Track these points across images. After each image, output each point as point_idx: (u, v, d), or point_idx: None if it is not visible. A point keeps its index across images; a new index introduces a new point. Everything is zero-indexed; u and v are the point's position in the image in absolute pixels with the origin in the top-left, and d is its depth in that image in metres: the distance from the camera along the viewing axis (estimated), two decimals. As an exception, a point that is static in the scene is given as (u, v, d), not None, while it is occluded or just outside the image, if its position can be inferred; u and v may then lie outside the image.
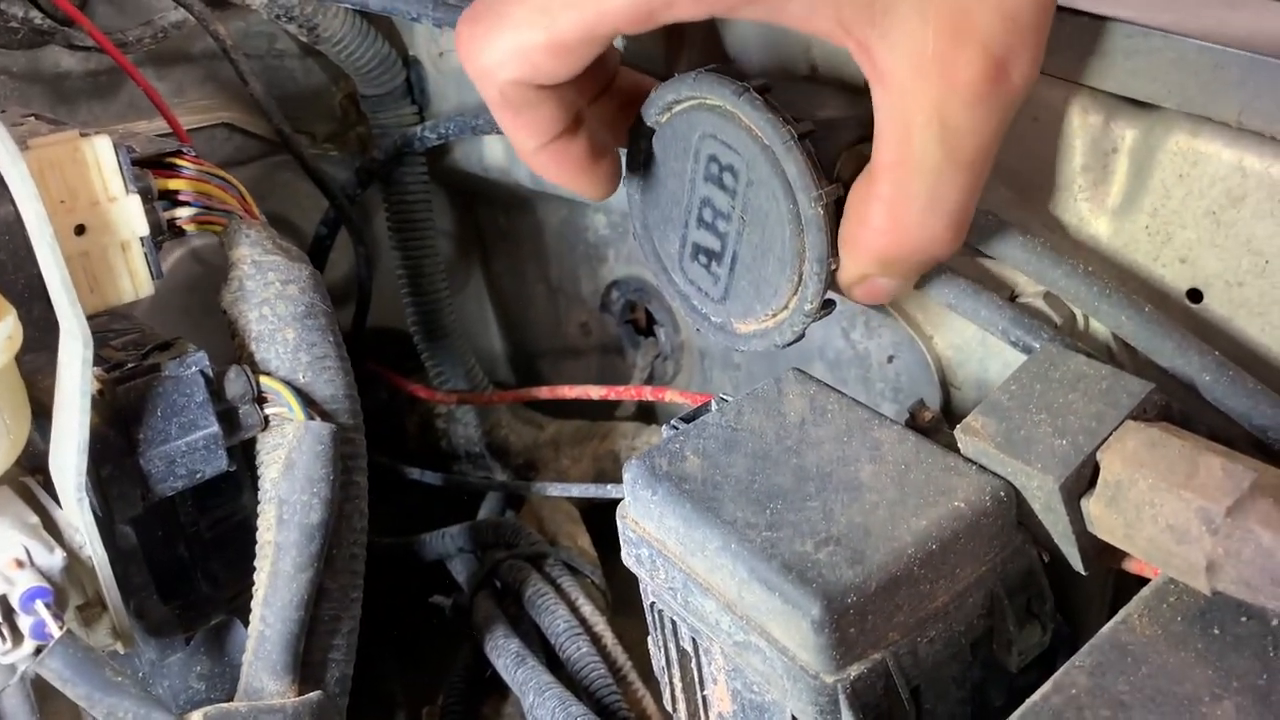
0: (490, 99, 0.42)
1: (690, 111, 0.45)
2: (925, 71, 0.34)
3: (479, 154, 0.83)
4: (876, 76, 0.36)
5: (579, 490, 0.74)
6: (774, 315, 0.47)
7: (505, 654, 0.63)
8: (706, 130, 0.45)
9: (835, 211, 0.43)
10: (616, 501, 0.45)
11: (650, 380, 0.87)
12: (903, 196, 0.39)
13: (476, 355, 0.95)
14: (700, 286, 0.50)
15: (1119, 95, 0.44)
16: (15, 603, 0.40)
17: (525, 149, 0.44)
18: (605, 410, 0.91)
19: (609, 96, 0.48)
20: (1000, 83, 0.35)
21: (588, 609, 0.68)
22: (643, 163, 0.49)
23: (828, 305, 0.46)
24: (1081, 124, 0.46)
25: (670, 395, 0.68)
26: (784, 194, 0.43)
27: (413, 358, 0.93)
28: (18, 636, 0.40)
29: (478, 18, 0.41)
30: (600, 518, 0.80)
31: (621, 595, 0.74)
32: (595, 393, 0.73)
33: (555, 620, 0.65)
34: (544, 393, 0.79)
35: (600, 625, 0.67)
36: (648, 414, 0.91)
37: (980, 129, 0.36)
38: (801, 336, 0.47)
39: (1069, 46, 0.45)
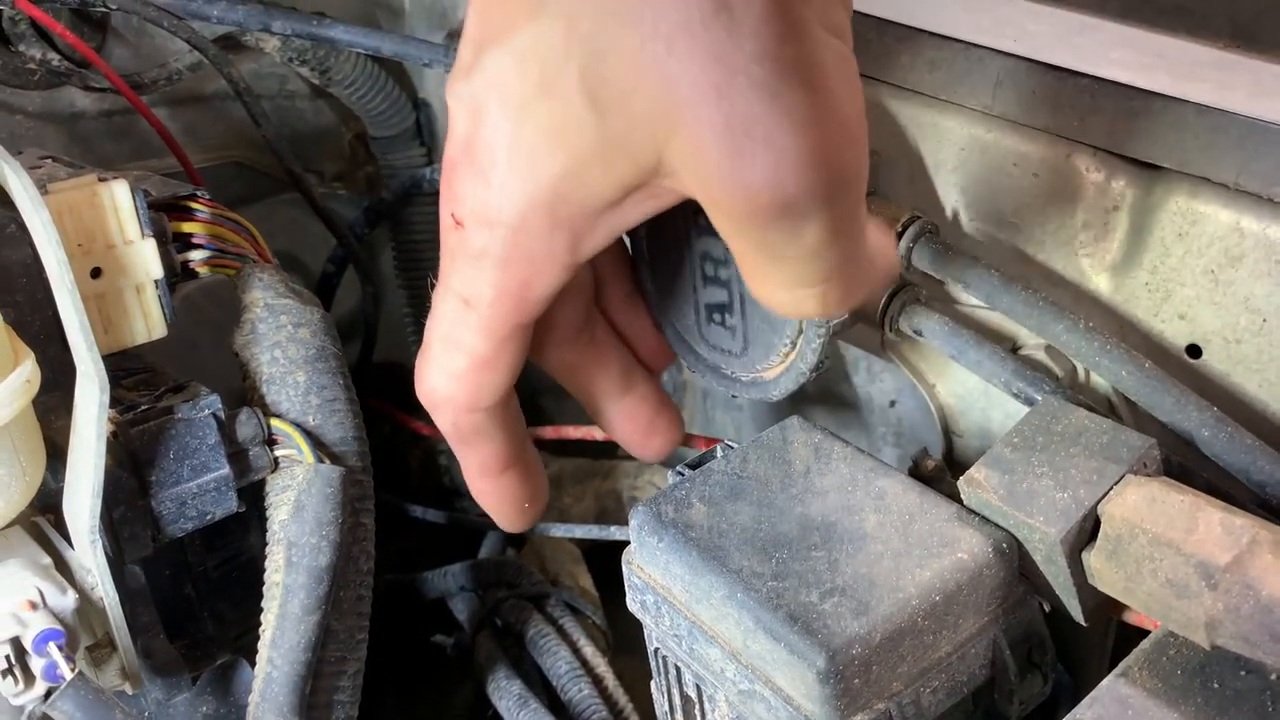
0: (445, 431, 0.42)
1: None
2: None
3: (486, 195, 0.84)
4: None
5: (582, 531, 0.75)
6: (793, 343, 0.47)
7: (508, 696, 0.63)
8: None
9: None
10: (619, 542, 0.46)
11: (653, 420, 0.87)
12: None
13: (479, 393, 0.96)
14: (723, 348, 0.49)
15: (1119, 154, 0.45)
16: (28, 644, 0.40)
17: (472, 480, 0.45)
18: (607, 448, 0.91)
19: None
20: (771, 204, 0.33)
21: (589, 650, 0.68)
22: (645, 250, 0.49)
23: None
24: (1082, 181, 0.47)
25: (674, 438, 0.68)
26: None
27: (415, 394, 0.94)
28: (29, 678, 0.41)
29: (420, 357, 0.41)
30: (602, 557, 0.81)
31: (623, 636, 0.74)
32: (599, 433, 0.73)
33: (557, 661, 0.66)
34: (548, 432, 0.80)
35: (602, 667, 0.67)
36: (649, 453, 0.91)
37: (783, 239, 0.34)
38: (827, 358, 0.47)
39: (1070, 105, 0.46)
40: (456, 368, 0.40)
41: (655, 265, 0.49)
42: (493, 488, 0.45)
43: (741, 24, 0.29)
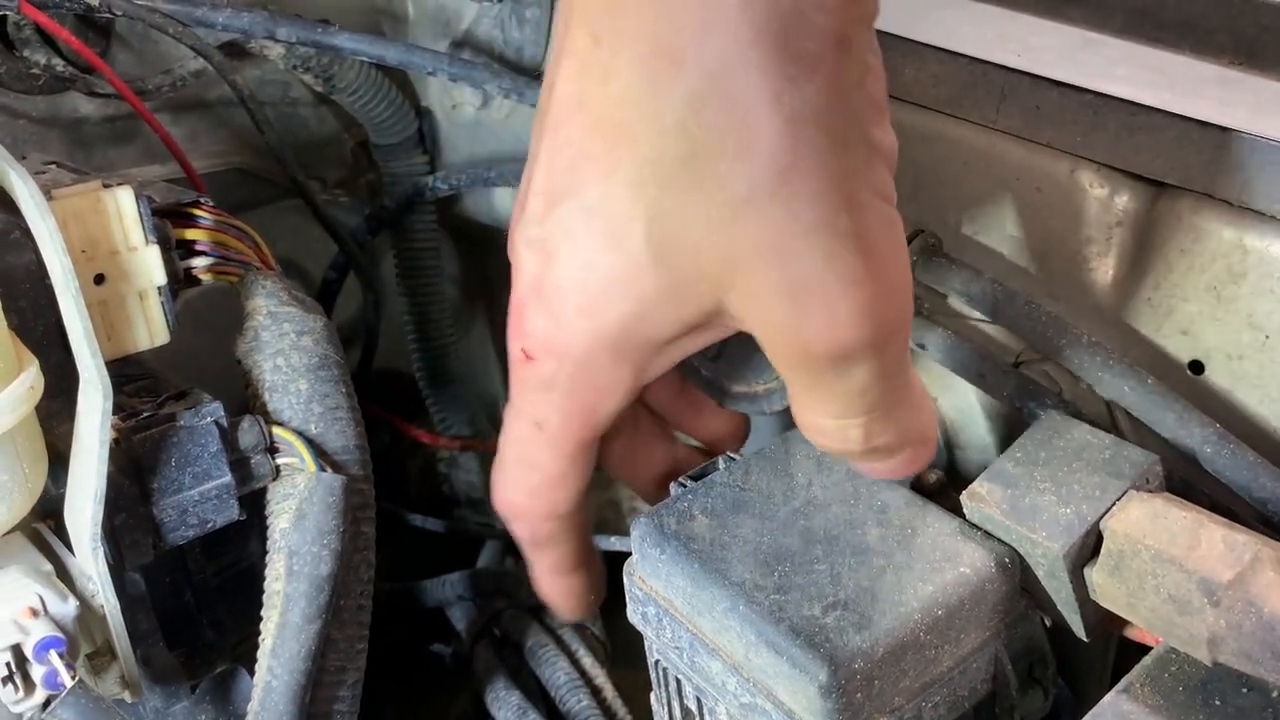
0: (520, 538, 0.46)
1: None
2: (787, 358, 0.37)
3: (489, 203, 0.84)
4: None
5: (581, 540, 0.74)
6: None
7: (507, 706, 0.63)
8: None
9: None
10: (618, 552, 0.46)
11: (653, 430, 0.87)
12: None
13: (480, 400, 0.96)
14: (721, 353, 0.49)
15: (1123, 170, 0.45)
16: (29, 652, 0.40)
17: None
18: (607, 459, 0.91)
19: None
20: (827, 354, 0.36)
21: (588, 661, 0.68)
22: None
23: None
24: (1086, 197, 0.47)
25: (675, 448, 0.68)
26: None
27: (415, 402, 0.94)
28: (29, 686, 0.41)
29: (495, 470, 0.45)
30: (601, 567, 0.81)
31: (621, 647, 0.74)
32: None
33: (556, 672, 0.66)
34: (548, 441, 0.79)
35: (601, 678, 0.67)
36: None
37: (834, 378, 0.37)
38: None
39: (1074, 121, 0.46)
40: (532, 483, 0.43)
41: None
42: (562, 586, 0.48)
43: (801, 197, 0.33)
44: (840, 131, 0.33)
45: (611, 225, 0.35)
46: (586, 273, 0.36)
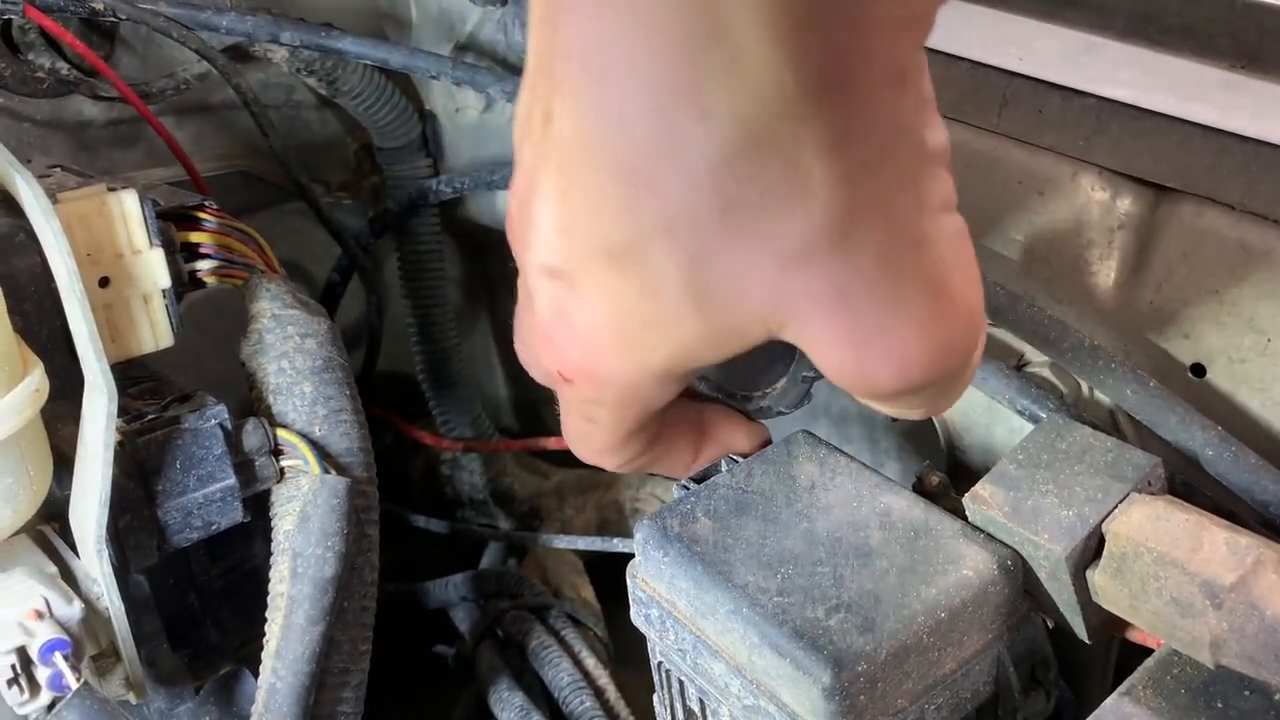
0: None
1: None
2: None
3: (492, 206, 0.85)
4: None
5: (584, 543, 0.75)
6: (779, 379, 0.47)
7: (510, 707, 0.63)
8: None
9: None
10: (621, 554, 0.46)
11: (656, 432, 0.87)
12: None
13: (482, 402, 0.96)
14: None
15: (1125, 174, 0.45)
16: (34, 654, 0.40)
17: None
18: (609, 460, 0.91)
19: None
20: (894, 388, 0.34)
21: (590, 662, 0.68)
22: None
23: None
24: (1088, 200, 0.47)
25: (677, 450, 0.68)
26: None
27: (418, 403, 0.94)
28: (35, 688, 0.41)
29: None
30: (604, 569, 0.81)
31: (624, 648, 0.74)
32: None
33: (559, 673, 0.66)
34: (551, 443, 0.80)
35: (603, 679, 0.67)
36: (652, 465, 0.92)
37: (904, 405, 0.36)
38: (809, 397, 0.47)
39: (1077, 125, 0.46)
40: (597, 450, 0.42)
41: None
42: (700, 466, 0.46)
43: (863, 247, 0.30)
44: (901, 165, 0.30)
45: (642, 272, 0.32)
46: (620, 318, 0.33)
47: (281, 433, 0.50)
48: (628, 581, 0.45)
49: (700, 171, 0.29)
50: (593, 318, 0.34)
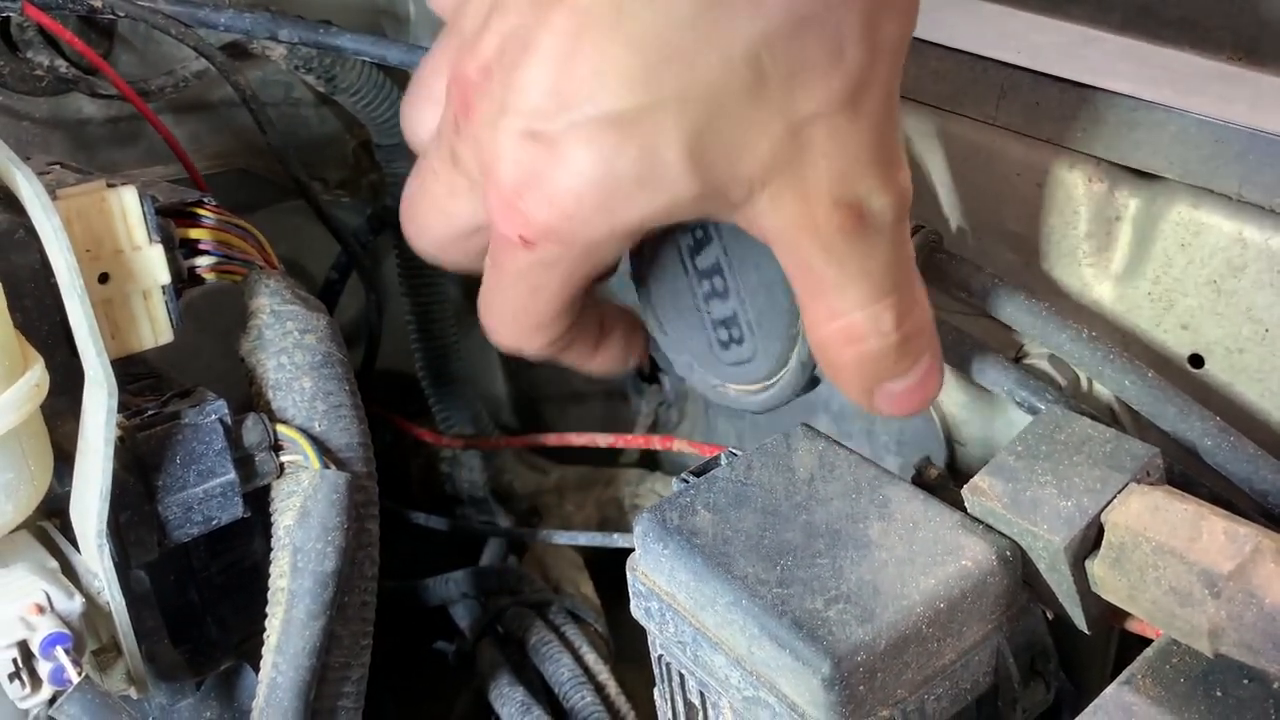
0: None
1: None
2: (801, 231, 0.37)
3: (490, 203, 0.84)
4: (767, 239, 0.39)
5: (584, 539, 0.75)
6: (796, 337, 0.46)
7: (510, 703, 0.63)
8: None
9: None
10: (620, 550, 0.46)
11: (654, 427, 0.87)
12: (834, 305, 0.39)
13: (481, 399, 0.96)
14: (738, 361, 0.49)
15: (1123, 165, 0.45)
16: (35, 648, 0.40)
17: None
18: (609, 456, 0.91)
19: None
20: (863, 220, 0.37)
21: (591, 657, 0.68)
22: (652, 299, 0.49)
23: None
24: (1086, 191, 0.47)
25: (679, 445, 0.68)
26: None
27: (418, 401, 0.94)
28: (36, 682, 0.41)
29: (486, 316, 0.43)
30: (604, 565, 0.81)
31: (624, 644, 0.75)
32: (603, 440, 0.74)
33: (559, 669, 0.66)
34: (551, 439, 0.80)
35: (604, 674, 0.67)
36: (652, 461, 0.92)
37: (865, 252, 0.38)
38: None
39: (1073, 116, 0.46)
40: (528, 327, 0.42)
41: (660, 304, 0.49)
42: (598, 362, 0.47)
43: (866, 112, 0.35)
44: (902, 52, 0.35)
45: (644, 136, 0.34)
46: (607, 178, 0.34)
47: (281, 428, 0.50)
48: (627, 575, 0.45)
49: (737, 50, 0.32)
50: (575, 178, 0.35)
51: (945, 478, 0.46)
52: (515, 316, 0.42)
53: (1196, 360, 0.46)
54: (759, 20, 0.32)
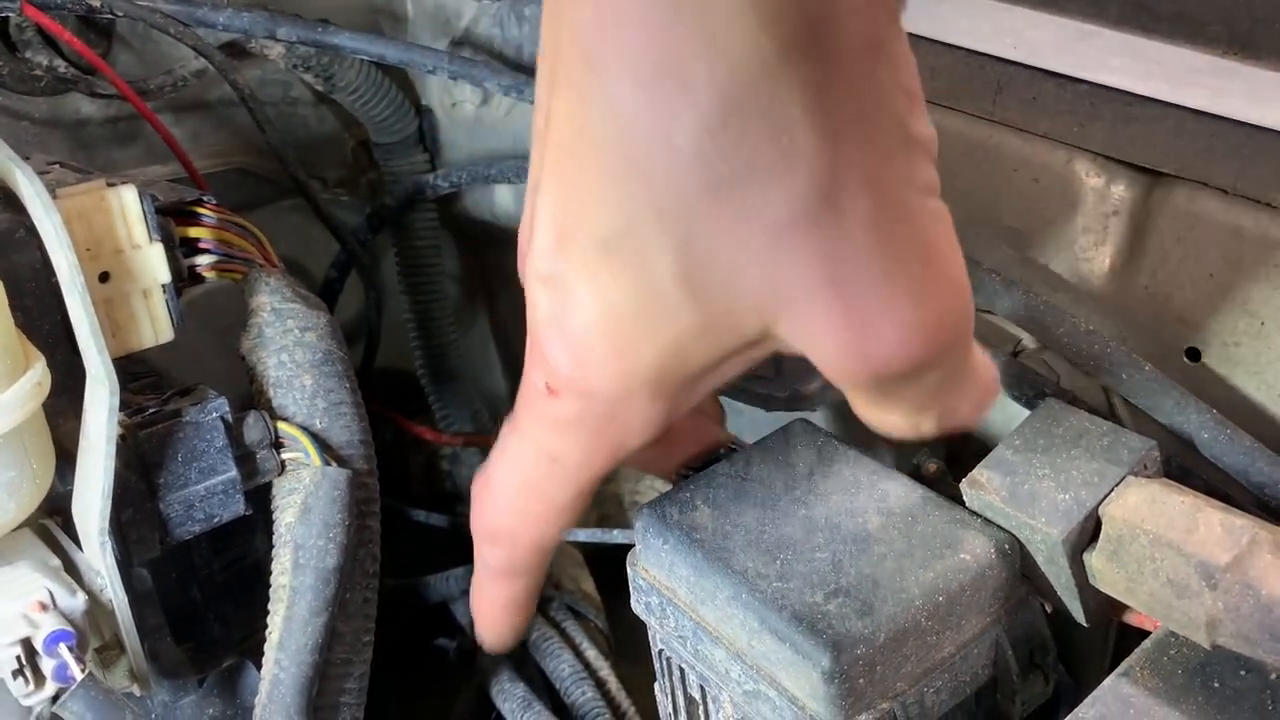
0: (495, 564, 0.42)
1: None
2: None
3: (489, 201, 0.85)
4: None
5: (584, 535, 0.75)
6: None
7: (511, 698, 0.63)
8: None
9: None
10: (620, 546, 0.46)
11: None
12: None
13: (481, 397, 0.96)
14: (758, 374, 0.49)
15: (1119, 159, 0.45)
16: (39, 645, 0.41)
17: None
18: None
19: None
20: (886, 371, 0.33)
21: (592, 653, 0.68)
22: None
23: None
24: (1082, 186, 0.47)
25: (677, 442, 0.68)
26: None
27: (418, 399, 0.94)
28: (40, 679, 0.41)
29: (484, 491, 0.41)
30: (604, 562, 0.81)
31: (625, 640, 0.75)
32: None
33: (560, 665, 0.66)
34: (550, 437, 0.80)
35: (604, 670, 0.67)
36: (651, 458, 0.92)
37: (895, 390, 0.35)
38: None
39: (1070, 111, 0.46)
40: (532, 513, 0.40)
41: None
42: (508, 619, 0.44)
43: (850, 217, 0.30)
44: (882, 137, 0.30)
45: (634, 262, 0.32)
46: (610, 313, 0.33)
47: (282, 425, 0.50)
48: (628, 570, 0.45)
49: (685, 147, 0.29)
50: (584, 318, 0.33)
51: (944, 472, 0.46)
52: (520, 493, 0.39)
53: (1193, 353, 0.46)
54: (694, 107, 0.29)
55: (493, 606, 0.44)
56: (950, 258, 0.33)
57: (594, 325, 0.33)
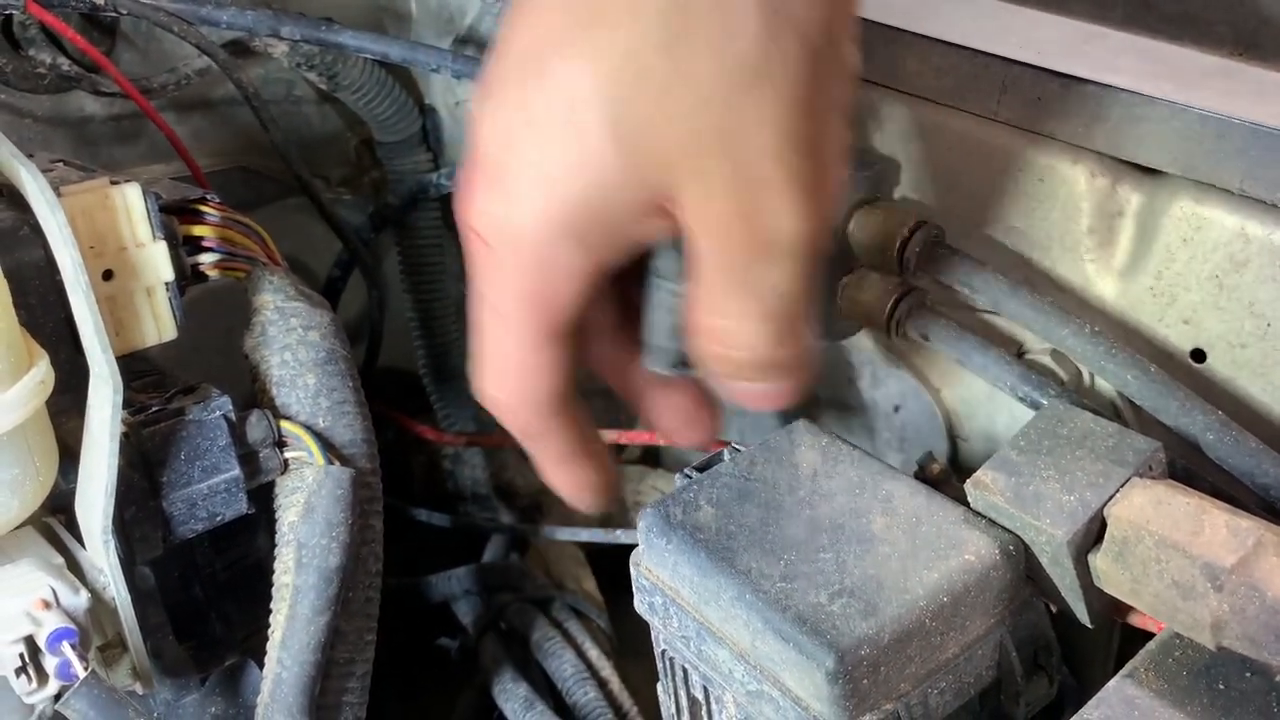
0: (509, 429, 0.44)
1: None
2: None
3: (492, 200, 0.85)
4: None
5: (586, 535, 0.75)
6: None
7: (514, 699, 0.63)
8: None
9: None
10: (623, 546, 0.46)
11: (656, 424, 0.87)
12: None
13: (484, 397, 0.96)
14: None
15: (1125, 160, 0.45)
16: (42, 643, 0.41)
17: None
18: (611, 452, 0.91)
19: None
20: (764, 243, 0.36)
21: (594, 653, 0.68)
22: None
23: None
24: (1088, 187, 0.47)
25: (680, 441, 0.68)
26: None
27: (420, 398, 0.94)
28: (43, 677, 0.41)
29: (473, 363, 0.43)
30: (606, 561, 0.81)
31: (627, 639, 0.75)
32: (605, 437, 0.74)
33: (562, 665, 0.66)
34: (552, 436, 0.80)
35: (607, 670, 0.67)
36: (654, 457, 0.92)
37: (759, 275, 0.37)
38: None
39: (1076, 113, 0.46)
40: (502, 373, 0.42)
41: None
42: (565, 475, 0.46)
43: (769, 98, 0.34)
44: (815, 41, 0.34)
45: (570, 105, 0.35)
46: (543, 155, 0.36)
47: (285, 424, 0.50)
48: (631, 570, 0.45)
49: (651, 11, 0.33)
50: (516, 160, 0.36)
51: (948, 473, 0.46)
52: (489, 357, 0.41)
53: (1199, 355, 0.46)
54: None
55: (544, 470, 0.46)
56: (834, 170, 0.36)
57: (525, 165, 0.36)
